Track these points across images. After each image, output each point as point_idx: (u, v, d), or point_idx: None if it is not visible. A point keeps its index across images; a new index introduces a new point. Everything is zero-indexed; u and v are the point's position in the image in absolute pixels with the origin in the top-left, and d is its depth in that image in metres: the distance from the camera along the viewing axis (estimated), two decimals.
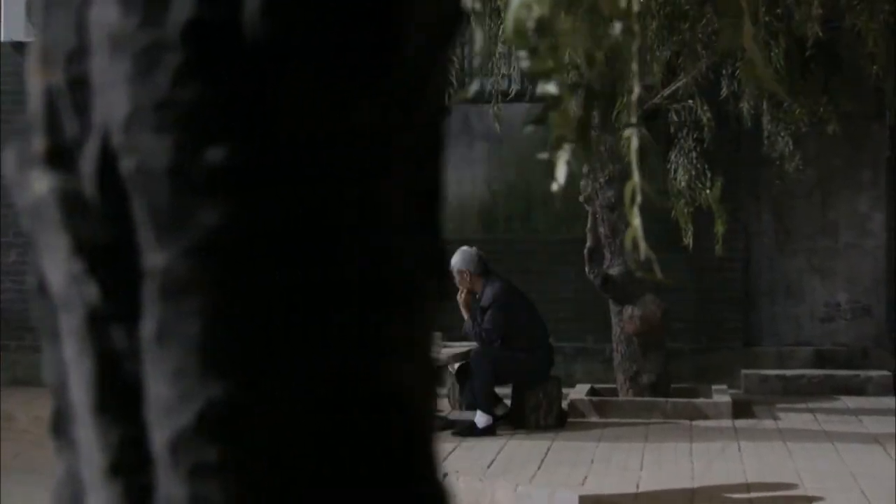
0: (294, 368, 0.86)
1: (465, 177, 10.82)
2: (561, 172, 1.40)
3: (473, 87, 9.98)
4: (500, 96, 9.76)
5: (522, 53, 1.32)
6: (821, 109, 9.20)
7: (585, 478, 6.54)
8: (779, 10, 8.45)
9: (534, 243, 10.62)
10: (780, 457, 7.18)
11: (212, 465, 0.85)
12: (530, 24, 1.31)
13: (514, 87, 10.46)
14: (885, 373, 9.94)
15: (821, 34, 8.49)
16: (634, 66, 1.48)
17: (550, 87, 1.33)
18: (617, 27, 1.38)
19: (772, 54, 8.43)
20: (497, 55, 9.75)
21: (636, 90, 1.51)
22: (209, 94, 0.84)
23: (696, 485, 6.37)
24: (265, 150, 0.85)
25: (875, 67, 8.73)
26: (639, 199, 1.42)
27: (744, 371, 10.23)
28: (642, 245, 1.42)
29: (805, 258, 10.54)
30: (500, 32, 8.27)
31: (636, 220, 1.42)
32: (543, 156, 1.40)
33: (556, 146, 1.37)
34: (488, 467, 6.85)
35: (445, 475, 4.28)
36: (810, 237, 10.59)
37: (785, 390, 9.95)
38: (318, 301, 0.86)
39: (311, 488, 0.87)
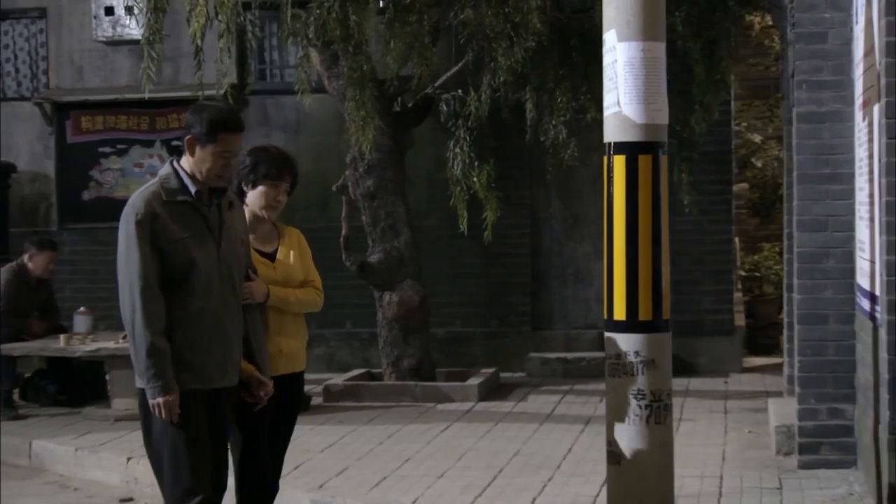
0: None
1: None
2: None
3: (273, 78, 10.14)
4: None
5: None
6: (581, 98, 9.37)
7: None
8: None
9: (331, 231, 10.77)
10: (470, 437, 7.40)
11: None
12: None
13: (313, 79, 10.61)
14: None
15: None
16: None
17: None
18: None
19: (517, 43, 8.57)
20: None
21: None
22: None
23: (376, 464, 6.59)
24: None
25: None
26: None
27: (530, 354, 10.45)
28: None
29: (592, 243, 10.74)
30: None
31: None
32: None
33: None
34: None
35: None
36: (597, 222, 10.76)
37: (566, 373, 10.16)
38: None
39: None
